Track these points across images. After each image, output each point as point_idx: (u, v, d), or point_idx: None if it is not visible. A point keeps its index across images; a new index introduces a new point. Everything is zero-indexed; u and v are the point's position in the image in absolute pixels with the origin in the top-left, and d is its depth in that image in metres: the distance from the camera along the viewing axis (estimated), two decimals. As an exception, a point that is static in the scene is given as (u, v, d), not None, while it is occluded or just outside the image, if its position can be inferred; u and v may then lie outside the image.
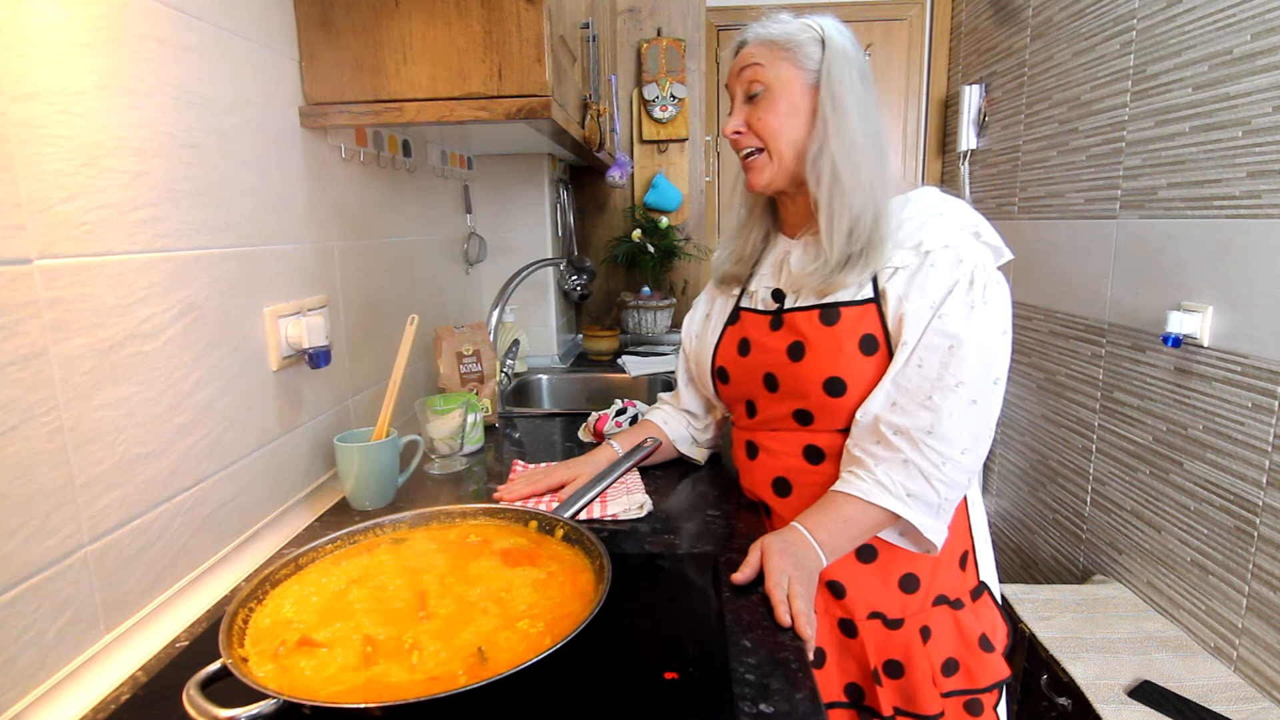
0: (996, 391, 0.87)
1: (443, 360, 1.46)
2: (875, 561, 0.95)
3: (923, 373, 0.86)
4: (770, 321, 0.98)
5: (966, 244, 0.89)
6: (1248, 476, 1.50)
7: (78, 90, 0.68)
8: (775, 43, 0.92)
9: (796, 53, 0.91)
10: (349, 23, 1.07)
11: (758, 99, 0.93)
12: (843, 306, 0.91)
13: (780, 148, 0.93)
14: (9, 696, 0.62)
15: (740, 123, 0.95)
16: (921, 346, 0.87)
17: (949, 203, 0.93)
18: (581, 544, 0.80)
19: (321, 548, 0.80)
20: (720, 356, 1.05)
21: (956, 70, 2.96)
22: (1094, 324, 2.04)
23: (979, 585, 1.01)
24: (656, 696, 0.66)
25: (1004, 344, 0.88)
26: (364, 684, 0.60)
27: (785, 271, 1.00)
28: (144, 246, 0.77)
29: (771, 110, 0.92)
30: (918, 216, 0.91)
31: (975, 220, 0.91)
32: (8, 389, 0.61)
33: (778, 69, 0.92)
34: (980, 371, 0.86)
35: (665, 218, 2.53)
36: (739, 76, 0.95)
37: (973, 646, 0.96)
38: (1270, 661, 1.45)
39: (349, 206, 1.24)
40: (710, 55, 3.02)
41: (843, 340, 0.90)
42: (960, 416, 0.85)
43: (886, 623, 0.95)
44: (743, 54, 0.95)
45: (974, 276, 0.87)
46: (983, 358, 0.86)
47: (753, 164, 0.96)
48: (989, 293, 0.87)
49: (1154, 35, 1.79)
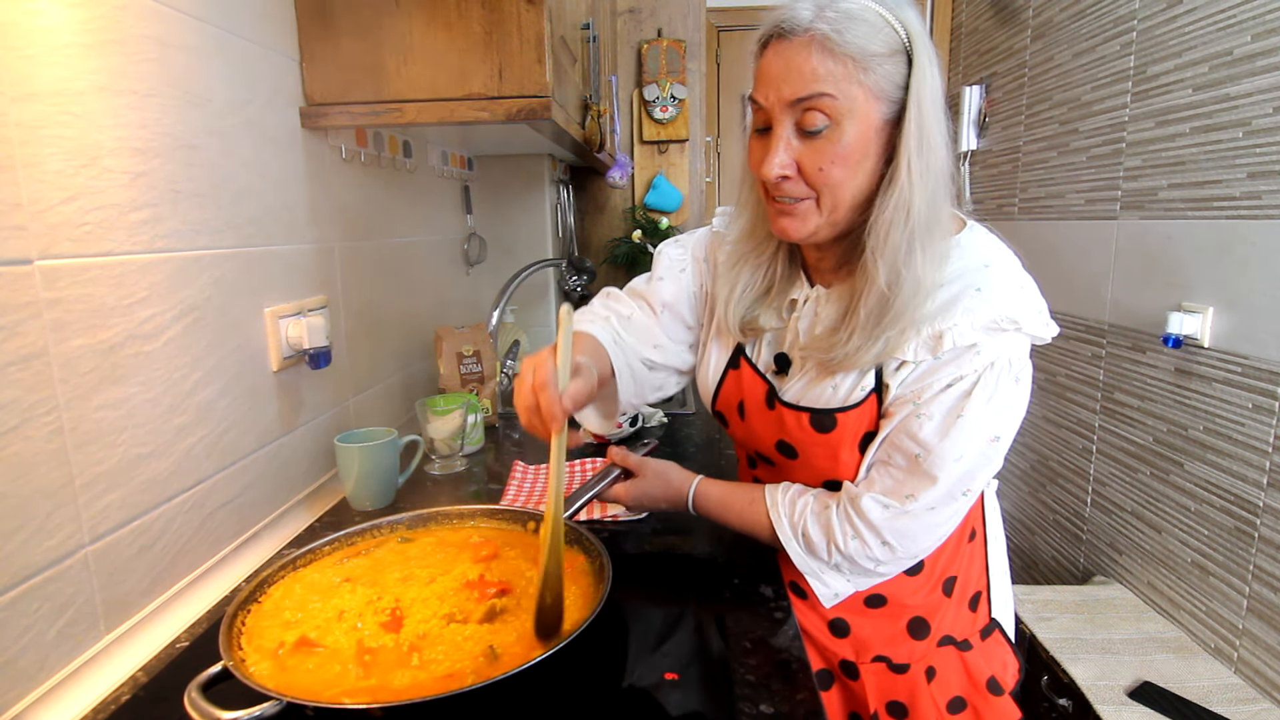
0: (966, 500, 0.76)
1: (443, 360, 1.46)
2: (884, 608, 0.87)
3: (888, 468, 0.76)
4: (765, 396, 0.85)
5: (996, 339, 0.71)
6: (1248, 477, 1.50)
7: (78, 91, 0.68)
8: (850, 56, 0.66)
9: (876, 72, 0.67)
10: (349, 23, 1.07)
11: (819, 135, 0.69)
12: (839, 413, 0.77)
13: (839, 200, 0.72)
14: (9, 697, 0.62)
15: (789, 164, 0.71)
16: (889, 440, 0.76)
17: (994, 270, 0.73)
18: (581, 544, 0.80)
19: (320, 549, 0.80)
20: (720, 402, 0.92)
21: (957, 71, 2.96)
22: (1094, 324, 2.04)
23: (990, 624, 0.93)
24: (657, 697, 0.66)
25: (990, 453, 0.74)
26: (364, 685, 0.60)
27: (793, 328, 0.84)
28: (144, 247, 0.77)
29: (839, 156, 0.69)
30: (951, 285, 0.72)
31: (1018, 304, 0.71)
32: (8, 389, 0.61)
33: (852, 97, 0.67)
34: (946, 492, 0.74)
35: (665, 218, 2.53)
36: (791, 106, 0.69)
37: (981, 689, 0.88)
38: (1270, 663, 1.45)
39: (349, 207, 1.24)
40: (710, 56, 3.02)
41: (839, 448, 0.79)
42: (907, 523, 0.75)
43: (891, 666, 0.87)
44: (798, 64, 0.68)
45: (981, 379, 0.71)
46: (952, 477, 0.73)
47: (795, 211, 0.73)
48: (995, 401, 0.72)
49: (1154, 36, 1.79)
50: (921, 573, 0.86)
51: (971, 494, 0.76)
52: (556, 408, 0.65)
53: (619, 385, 0.88)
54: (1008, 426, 0.74)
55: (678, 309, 0.95)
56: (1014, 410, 0.74)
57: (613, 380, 0.87)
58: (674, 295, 0.95)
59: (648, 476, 0.91)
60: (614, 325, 0.93)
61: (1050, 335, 0.74)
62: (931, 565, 0.87)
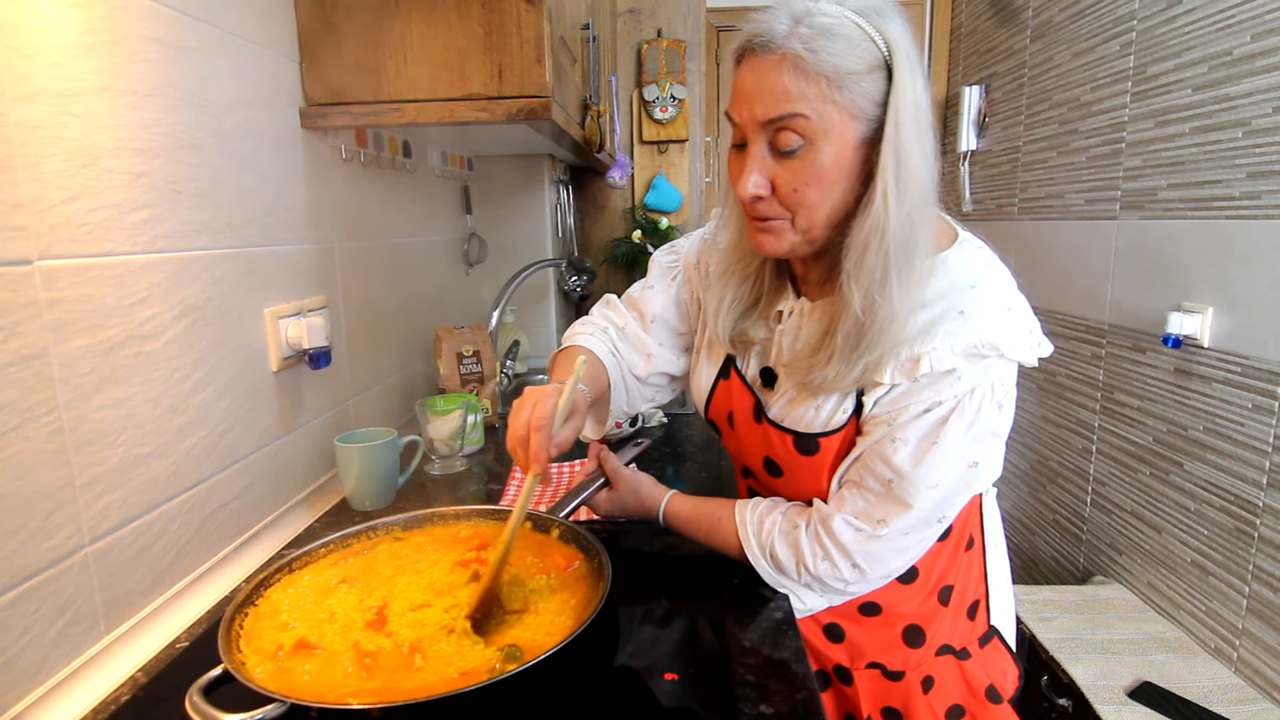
0: (941, 526, 0.75)
1: (443, 361, 1.46)
2: (879, 616, 0.86)
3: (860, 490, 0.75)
4: (753, 409, 0.85)
5: (977, 365, 0.69)
6: (1248, 477, 1.50)
7: (78, 91, 0.69)
8: (824, 75, 0.64)
9: (853, 90, 0.65)
10: (349, 23, 1.07)
11: (794, 155, 0.67)
12: (821, 437, 0.76)
13: (814, 221, 0.70)
14: (9, 697, 0.62)
15: (764, 184, 0.69)
16: (862, 462, 0.74)
17: (979, 292, 0.70)
18: (580, 544, 0.80)
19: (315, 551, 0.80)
20: (713, 411, 0.92)
21: (956, 71, 2.97)
22: (1094, 325, 2.04)
23: (989, 631, 0.92)
24: (656, 697, 0.66)
25: (969, 478, 0.72)
26: (369, 686, 0.60)
27: (778, 342, 0.83)
28: (144, 247, 0.77)
29: (814, 178, 0.67)
30: (933, 306, 0.70)
31: (1003, 329, 0.68)
32: (8, 390, 0.61)
33: (826, 116, 0.65)
34: (920, 519, 0.73)
35: (665, 218, 2.53)
36: (764, 126, 0.67)
37: (980, 698, 0.87)
38: (1270, 663, 1.45)
39: (349, 207, 1.24)
40: (710, 56, 3.02)
41: (823, 471, 0.78)
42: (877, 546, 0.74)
43: (886, 673, 0.87)
44: (770, 83, 0.66)
45: (959, 406, 0.69)
46: (927, 504, 0.72)
47: (770, 228, 0.73)
48: (974, 429, 0.70)
49: (1154, 36, 1.79)
50: (916, 581, 0.85)
51: (947, 519, 0.75)
52: (544, 453, 0.70)
53: (613, 395, 0.92)
54: (988, 452, 0.72)
55: (668, 317, 0.97)
56: (995, 436, 0.72)
57: (609, 392, 0.91)
58: (664, 303, 0.97)
59: (620, 490, 0.91)
60: (611, 336, 0.97)
61: (1036, 359, 0.71)
62: (927, 574, 0.86)
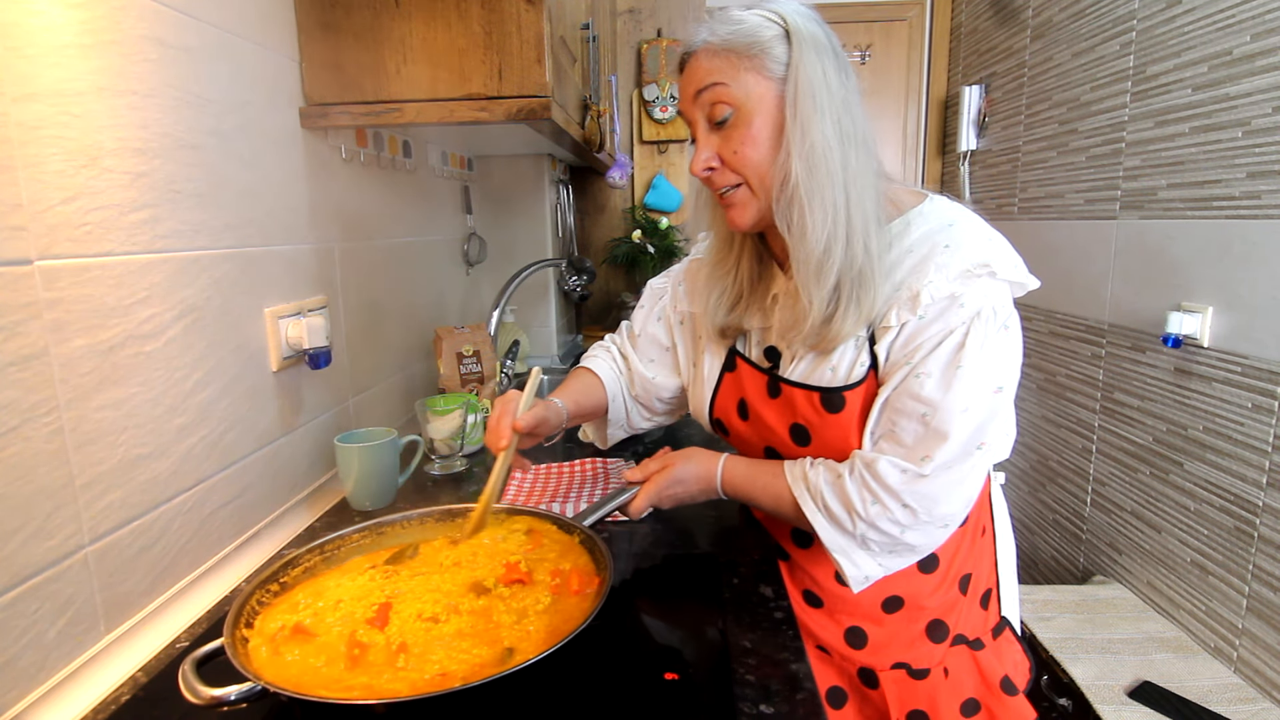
0: (981, 455, 0.75)
1: (443, 361, 1.46)
2: (901, 611, 0.87)
3: (897, 436, 0.76)
4: (767, 385, 0.86)
5: (975, 288, 0.73)
6: (1248, 477, 1.50)
7: (78, 91, 0.69)
8: (733, 50, 0.74)
9: (762, 58, 0.74)
10: (349, 23, 1.07)
11: (727, 124, 0.76)
12: (846, 391, 0.78)
13: (764, 181, 0.77)
14: (9, 697, 0.62)
15: (711, 156, 0.78)
16: (891, 408, 0.75)
17: (959, 227, 0.76)
18: (582, 543, 0.80)
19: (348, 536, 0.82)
20: (718, 409, 0.93)
21: (956, 71, 2.97)
22: (1094, 324, 2.04)
23: (1000, 622, 0.93)
24: (657, 696, 0.66)
25: (996, 405, 0.74)
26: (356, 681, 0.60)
27: (778, 322, 0.86)
28: (144, 247, 0.77)
29: (748, 139, 0.75)
30: (919, 249, 0.76)
31: (989, 251, 0.74)
32: (8, 390, 0.61)
33: (744, 84, 0.74)
34: (961, 446, 0.73)
35: (665, 218, 2.53)
36: (696, 100, 0.77)
37: (995, 690, 0.88)
38: (1270, 662, 1.45)
39: (349, 207, 1.24)
40: (710, 56, 3.02)
41: (850, 428, 0.79)
42: (924, 485, 0.74)
43: (911, 673, 0.87)
44: (694, 69, 0.77)
45: (970, 330, 0.72)
46: (964, 431, 0.73)
47: (733, 200, 0.79)
48: (986, 350, 0.72)
49: (1154, 36, 1.79)
50: (937, 570, 0.86)
51: (986, 448, 0.75)
52: (505, 428, 0.85)
53: (611, 408, 1.04)
54: (1008, 376, 0.75)
55: (654, 331, 1.05)
56: (1009, 358, 0.75)
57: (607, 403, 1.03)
58: (652, 320, 1.06)
59: (674, 463, 0.88)
60: (614, 354, 1.09)
61: (1030, 283, 0.75)
62: (948, 562, 0.86)
